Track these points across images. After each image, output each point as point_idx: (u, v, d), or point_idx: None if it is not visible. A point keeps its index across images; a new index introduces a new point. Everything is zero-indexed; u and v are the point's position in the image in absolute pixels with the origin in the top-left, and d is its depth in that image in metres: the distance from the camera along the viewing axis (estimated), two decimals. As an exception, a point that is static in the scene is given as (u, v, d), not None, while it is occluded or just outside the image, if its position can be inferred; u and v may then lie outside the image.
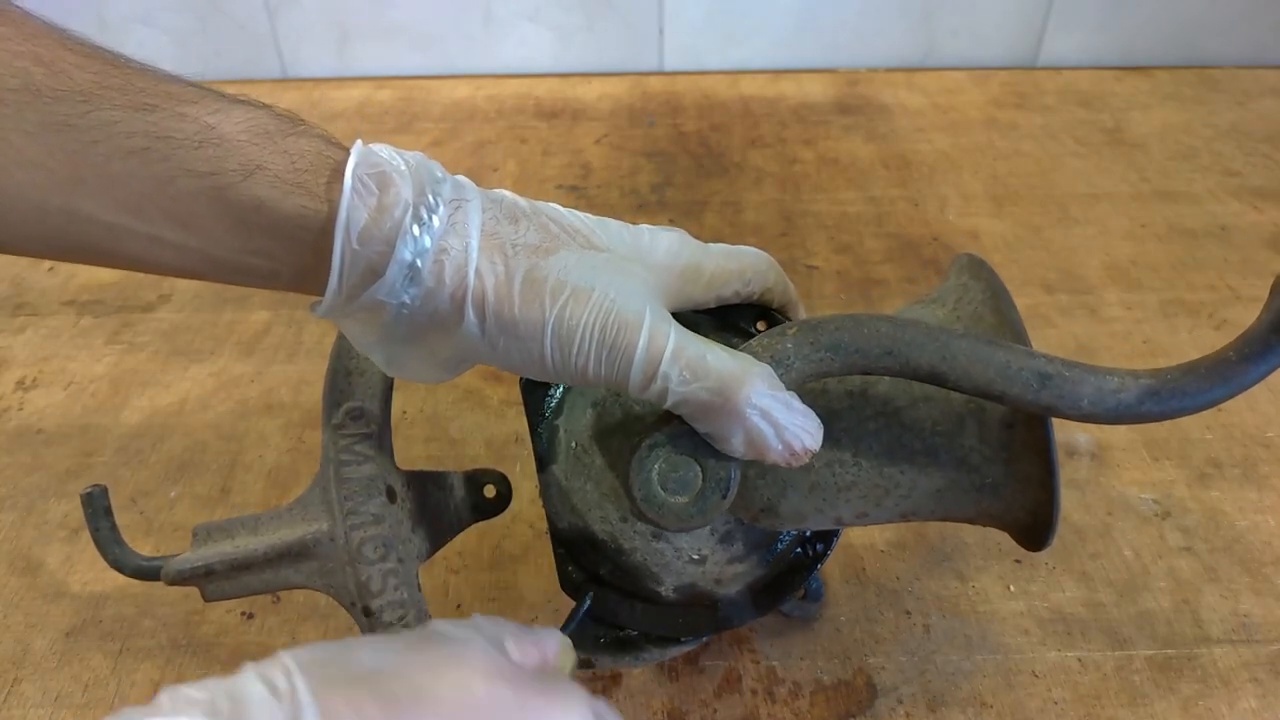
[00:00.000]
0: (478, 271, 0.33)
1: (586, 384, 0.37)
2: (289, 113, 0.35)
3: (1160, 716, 0.47)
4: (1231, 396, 0.34)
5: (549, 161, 0.94)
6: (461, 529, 0.50)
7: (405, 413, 0.64)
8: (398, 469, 0.44)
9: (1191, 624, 0.51)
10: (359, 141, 0.34)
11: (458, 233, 0.33)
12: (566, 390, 0.43)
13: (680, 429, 0.36)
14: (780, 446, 0.34)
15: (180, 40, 1.08)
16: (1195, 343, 0.69)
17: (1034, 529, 0.39)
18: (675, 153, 0.95)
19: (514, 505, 0.57)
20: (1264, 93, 1.06)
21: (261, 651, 0.49)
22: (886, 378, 0.39)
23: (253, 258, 0.34)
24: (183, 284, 0.77)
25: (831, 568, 0.54)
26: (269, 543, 0.41)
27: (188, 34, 1.08)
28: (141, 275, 0.78)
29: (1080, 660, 0.49)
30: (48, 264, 0.80)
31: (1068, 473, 0.59)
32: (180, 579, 0.41)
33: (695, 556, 0.42)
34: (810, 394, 0.37)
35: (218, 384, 0.67)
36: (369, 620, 0.40)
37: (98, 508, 0.43)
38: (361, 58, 1.11)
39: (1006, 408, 0.37)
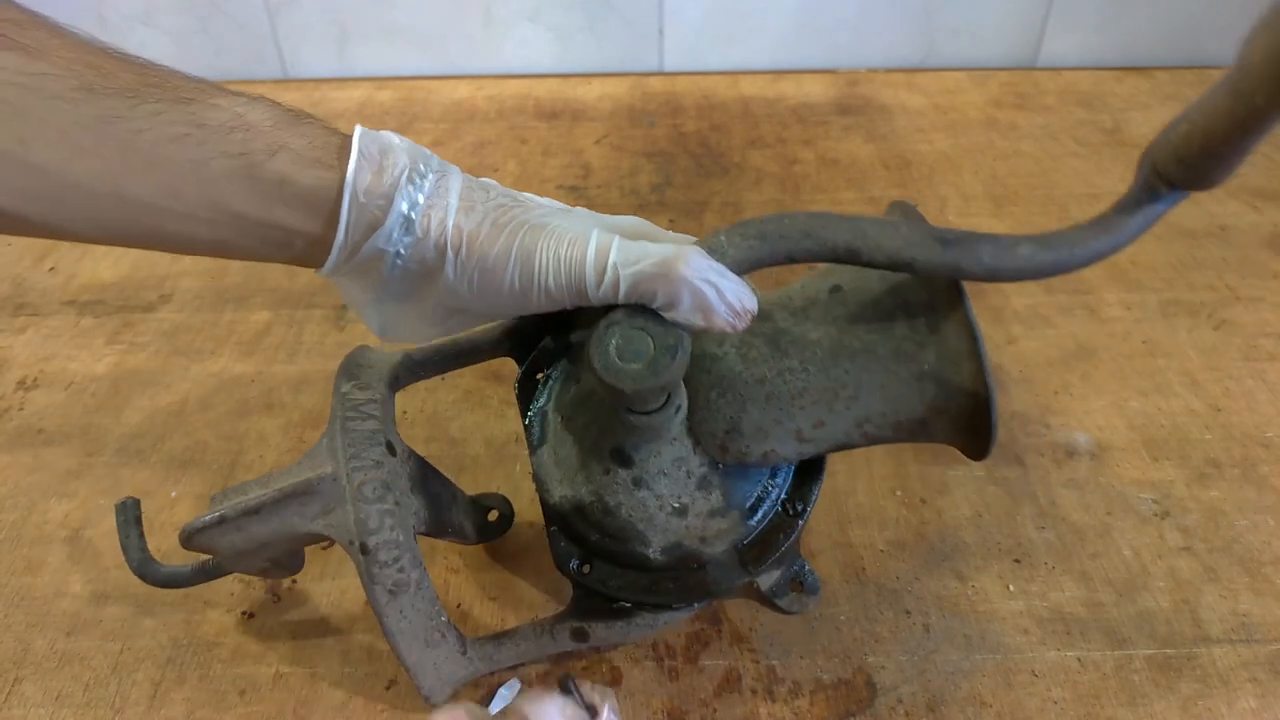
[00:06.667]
0: (455, 221, 0.39)
1: (551, 304, 0.40)
2: (297, 108, 0.40)
3: (1160, 716, 0.47)
4: (1115, 248, 0.38)
5: (549, 162, 0.94)
6: (465, 543, 0.51)
7: (405, 413, 0.64)
8: (399, 437, 0.46)
9: (1191, 624, 0.51)
10: (359, 126, 0.40)
11: (441, 194, 0.39)
12: (555, 378, 0.47)
13: (633, 308, 0.39)
14: (724, 307, 0.38)
15: (181, 40, 1.08)
16: (1195, 342, 0.69)
17: (975, 414, 0.40)
18: (675, 153, 0.95)
19: (515, 505, 0.57)
20: (1264, 93, 1.06)
21: (262, 651, 0.50)
22: (822, 299, 0.43)
23: (272, 229, 0.39)
24: (184, 284, 0.77)
25: (831, 567, 0.54)
26: (278, 487, 0.43)
27: (188, 34, 1.08)
28: (142, 275, 0.78)
29: (1080, 660, 0.49)
30: (48, 264, 0.80)
31: (1066, 473, 0.59)
32: (196, 533, 0.43)
33: (676, 505, 0.44)
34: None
35: (218, 384, 0.67)
36: (365, 558, 0.41)
37: (130, 517, 0.46)
38: (362, 58, 1.11)
39: (925, 293, 0.41)
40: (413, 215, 0.38)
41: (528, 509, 0.57)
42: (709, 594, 0.45)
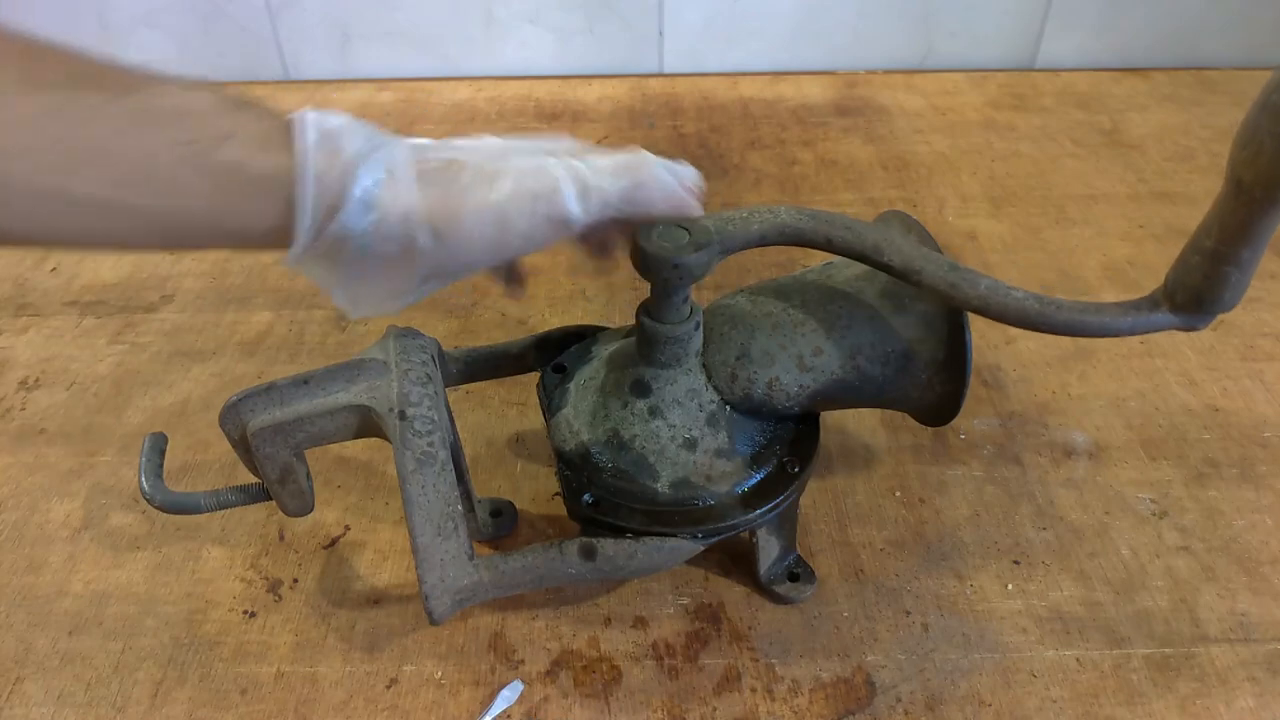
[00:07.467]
0: (415, 192, 0.38)
1: (529, 245, 0.41)
2: (240, 95, 0.38)
3: (1158, 715, 0.47)
4: (1099, 332, 0.43)
5: (549, 163, 0.94)
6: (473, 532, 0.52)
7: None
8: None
9: (1189, 623, 0.51)
10: (304, 109, 0.38)
11: (394, 167, 0.39)
12: (578, 368, 0.53)
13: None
14: (682, 190, 0.44)
15: (182, 42, 1.09)
16: (1192, 342, 0.69)
17: (952, 336, 0.46)
18: (675, 154, 0.95)
19: (515, 505, 0.57)
20: (1262, 94, 1.06)
21: (263, 650, 0.50)
22: (815, 268, 0.51)
23: (228, 218, 0.37)
24: (185, 285, 0.78)
25: (830, 566, 0.54)
26: (328, 366, 0.45)
27: (190, 35, 1.08)
28: (144, 276, 0.78)
29: (1078, 659, 0.49)
30: (50, 265, 0.80)
31: (1064, 472, 0.60)
32: (240, 401, 0.44)
33: (687, 436, 0.48)
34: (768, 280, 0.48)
35: (220, 384, 0.67)
36: (402, 423, 0.43)
37: (157, 447, 0.47)
38: (363, 59, 1.11)
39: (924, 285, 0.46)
40: (373, 192, 0.38)
41: (528, 510, 0.57)
42: (712, 526, 0.47)
